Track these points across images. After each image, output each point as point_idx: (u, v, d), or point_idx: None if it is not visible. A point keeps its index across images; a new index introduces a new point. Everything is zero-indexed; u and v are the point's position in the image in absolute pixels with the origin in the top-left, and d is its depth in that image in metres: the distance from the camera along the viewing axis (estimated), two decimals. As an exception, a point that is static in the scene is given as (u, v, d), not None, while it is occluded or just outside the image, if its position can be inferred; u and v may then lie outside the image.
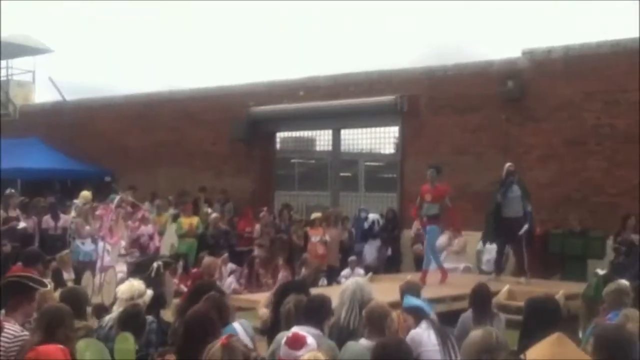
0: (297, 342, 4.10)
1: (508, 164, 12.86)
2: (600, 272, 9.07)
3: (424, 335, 5.51)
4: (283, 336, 4.65)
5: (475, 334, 3.86)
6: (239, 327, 5.16)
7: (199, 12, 44.06)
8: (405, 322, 5.89)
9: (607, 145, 14.23)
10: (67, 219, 14.10)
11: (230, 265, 14.70)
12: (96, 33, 46.50)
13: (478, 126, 15.79)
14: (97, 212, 13.12)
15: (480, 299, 6.47)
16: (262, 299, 7.11)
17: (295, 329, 4.99)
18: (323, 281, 13.86)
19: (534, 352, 3.32)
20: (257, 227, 15.98)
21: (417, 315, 5.73)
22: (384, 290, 7.24)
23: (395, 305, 6.25)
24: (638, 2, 22.16)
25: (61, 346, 4.52)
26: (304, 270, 13.80)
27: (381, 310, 5.04)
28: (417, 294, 6.34)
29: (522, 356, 3.31)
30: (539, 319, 5.47)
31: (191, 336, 4.17)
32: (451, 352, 5.32)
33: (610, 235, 13.40)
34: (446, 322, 6.65)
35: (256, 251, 15.21)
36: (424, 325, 5.66)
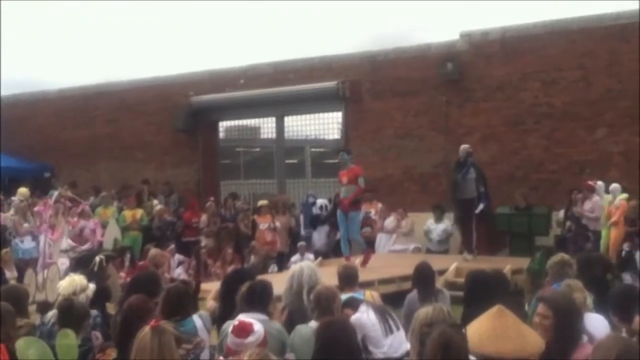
0: (243, 330, 4.05)
1: (465, 146, 12.97)
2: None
3: (364, 318, 5.55)
4: (229, 325, 4.61)
5: (419, 310, 3.91)
6: (199, 320, 5.11)
7: (134, 1, 43.24)
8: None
9: (545, 123, 14.53)
10: (5, 217, 13.72)
11: (178, 257, 14.54)
12: (26, 27, 45.22)
13: (419, 109, 15.95)
14: (36, 209, 12.80)
15: (424, 278, 6.53)
16: (212, 288, 7.03)
17: (241, 317, 4.96)
18: (273, 268, 13.86)
19: (475, 325, 3.34)
20: (204, 217, 15.83)
21: (354, 305, 5.76)
22: (334, 274, 7.23)
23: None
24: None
25: (1, 344, 4.40)
26: (253, 258, 13.80)
27: (328, 293, 5.07)
28: (354, 278, 6.36)
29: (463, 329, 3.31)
30: (480, 292, 5.61)
31: (129, 326, 4.10)
32: (391, 323, 5.39)
33: (553, 211, 13.74)
34: (396, 302, 6.70)
35: (203, 241, 15.09)
36: (362, 307, 5.70)
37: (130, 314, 4.35)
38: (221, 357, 4.09)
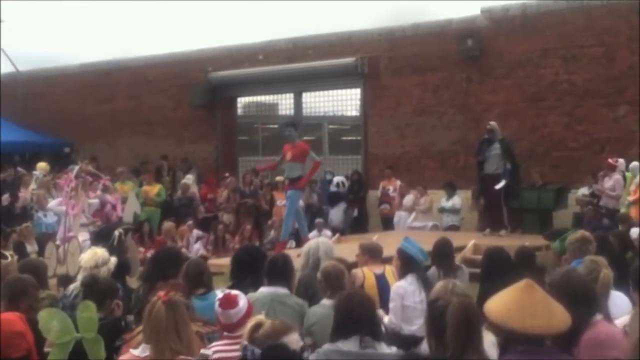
0: (229, 302, 4.06)
1: (491, 122, 13.00)
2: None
3: (409, 290, 5.61)
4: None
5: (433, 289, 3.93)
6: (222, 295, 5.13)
7: (153, -22, 43.16)
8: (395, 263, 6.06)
9: (566, 100, 14.39)
10: (25, 192, 13.85)
11: (197, 232, 14.66)
12: (47, 1, 45.29)
13: (438, 86, 15.84)
14: (57, 182, 12.90)
15: (443, 254, 6.53)
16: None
17: (263, 289, 5.00)
18: (291, 243, 13.91)
19: (502, 298, 3.28)
20: (224, 192, 15.90)
21: (406, 264, 5.81)
22: (351, 251, 7.26)
23: (354, 265, 6.36)
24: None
25: (19, 314, 4.45)
26: (272, 233, 13.86)
27: (337, 269, 5.03)
28: (379, 253, 6.41)
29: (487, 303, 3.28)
30: (497, 269, 5.64)
31: None
32: None
33: (572, 189, 13.65)
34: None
35: (223, 217, 15.20)
36: (409, 279, 5.76)
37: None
38: (225, 333, 4.09)
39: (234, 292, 4.16)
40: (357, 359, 3.71)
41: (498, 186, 12.51)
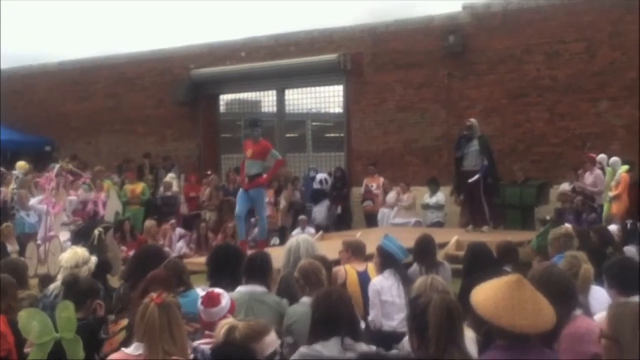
0: (212, 300, 4.03)
1: (471, 119, 13.09)
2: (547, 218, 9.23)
3: (386, 285, 5.64)
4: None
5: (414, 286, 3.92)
6: (202, 293, 5.09)
7: (134, -25, 42.86)
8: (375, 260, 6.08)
9: (548, 96, 14.45)
10: (6, 191, 13.72)
11: (179, 230, 14.60)
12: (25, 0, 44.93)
13: (421, 82, 15.86)
14: (37, 180, 12.81)
15: (425, 251, 6.54)
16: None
17: (241, 289, 4.96)
18: (275, 241, 13.91)
19: (490, 292, 3.22)
20: (207, 190, 15.84)
21: (385, 261, 5.84)
22: (335, 248, 7.24)
23: (337, 263, 6.36)
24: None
25: (1, 316, 4.41)
26: (256, 231, 13.81)
27: (314, 267, 4.98)
28: (363, 250, 6.42)
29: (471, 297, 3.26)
30: (480, 264, 5.66)
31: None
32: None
33: (554, 185, 13.73)
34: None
35: (206, 215, 15.15)
36: (386, 274, 5.80)
37: (152, 287, 4.34)
38: (207, 332, 4.05)
39: (217, 290, 4.13)
40: None
41: (472, 180, 12.53)
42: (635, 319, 2.90)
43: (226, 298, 4.05)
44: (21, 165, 14.73)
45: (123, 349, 3.71)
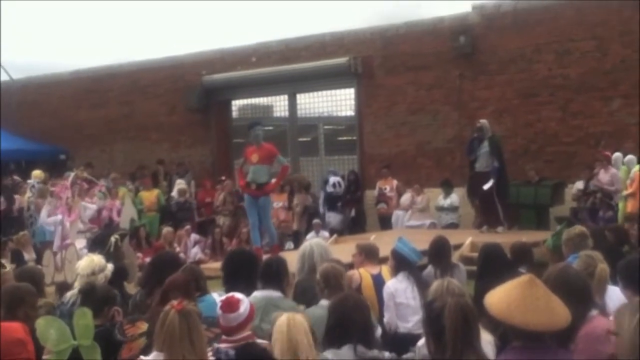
0: (231, 305, 4.03)
1: (481, 120, 13.09)
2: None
3: (400, 287, 5.65)
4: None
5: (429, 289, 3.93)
6: (218, 298, 5.11)
7: (144, -17, 43.09)
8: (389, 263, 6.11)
9: (560, 95, 14.40)
10: (22, 200, 13.84)
11: (194, 236, 14.67)
12: (38, 9, 45.23)
13: (432, 84, 15.84)
14: (53, 189, 12.92)
15: (440, 252, 6.54)
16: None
17: (257, 293, 4.98)
18: (290, 245, 13.91)
19: (502, 293, 3.25)
20: (221, 195, 15.90)
21: (399, 264, 5.85)
22: (349, 252, 7.26)
23: (351, 266, 6.35)
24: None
25: (21, 323, 4.45)
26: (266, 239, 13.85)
27: (336, 270, 5.01)
28: (376, 253, 6.43)
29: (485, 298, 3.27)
30: (493, 265, 5.66)
31: (168, 302, 4.12)
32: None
33: (568, 184, 13.67)
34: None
35: (220, 220, 15.20)
36: (400, 277, 5.81)
37: (172, 292, 4.38)
38: (224, 337, 4.06)
39: (237, 295, 4.14)
40: None
41: (486, 186, 12.50)
42: (635, 315, 2.90)
43: (245, 303, 4.05)
44: (36, 174, 14.84)
45: (142, 357, 3.73)
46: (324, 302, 4.73)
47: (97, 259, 6.12)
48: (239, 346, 3.39)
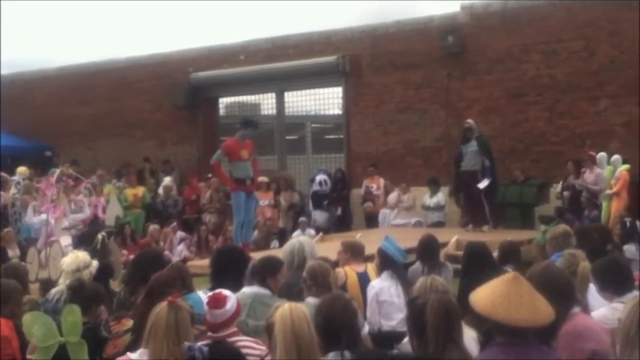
0: (219, 301, 4.03)
1: (469, 120, 13.15)
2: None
3: (384, 286, 5.67)
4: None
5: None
6: (204, 296, 5.10)
7: (132, -21, 42.87)
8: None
9: (547, 95, 14.47)
10: (6, 196, 13.76)
11: (180, 234, 14.63)
12: (25, 6, 44.99)
13: (420, 83, 15.88)
14: (38, 185, 12.84)
15: (428, 250, 6.57)
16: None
17: (245, 289, 4.99)
18: (275, 243, 13.91)
19: (487, 290, 3.29)
20: (208, 193, 15.86)
21: (384, 263, 5.87)
22: (335, 249, 7.26)
23: (337, 264, 6.37)
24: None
25: (6, 320, 4.44)
26: (255, 234, 13.86)
27: (322, 268, 5.01)
28: (361, 251, 6.45)
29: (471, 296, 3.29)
30: (478, 263, 5.69)
31: (153, 299, 4.12)
32: None
33: (553, 183, 13.76)
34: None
35: (207, 217, 15.17)
36: (384, 275, 5.83)
37: (156, 288, 4.37)
38: (209, 333, 4.06)
39: (225, 292, 4.14)
40: None
41: (482, 185, 12.56)
42: (636, 311, 2.94)
43: (232, 300, 4.05)
44: (22, 170, 14.75)
45: (129, 354, 3.73)
46: (311, 300, 4.73)
47: (82, 255, 6.10)
48: (210, 343, 3.39)
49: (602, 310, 4.24)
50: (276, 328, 3.29)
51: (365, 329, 5.13)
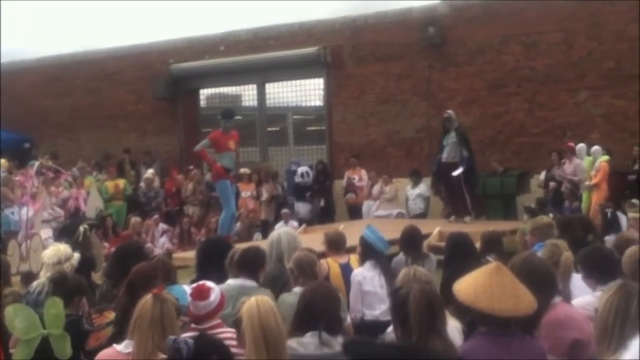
0: (202, 293, 4.04)
1: (448, 111, 13.14)
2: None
3: (367, 276, 5.69)
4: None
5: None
6: (188, 289, 5.10)
7: (111, -31, 42.49)
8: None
9: (527, 87, 14.56)
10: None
11: (162, 226, 14.58)
12: (4, -5, 44.34)
13: (401, 74, 15.91)
14: (17, 179, 12.74)
15: (411, 241, 6.58)
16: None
17: (230, 282, 4.99)
18: (258, 235, 13.89)
19: (470, 280, 3.32)
20: (190, 185, 15.81)
21: (366, 251, 5.89)
22: (317, 241, 7.28)
23: (322, 255, 6.34)
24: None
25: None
26: (239, 225, 13.84)
27: (309, 258, 5.06)
28: (342, 243, 6.46)
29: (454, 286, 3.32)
30: (461, 253, 5.73)
31: (134, 291, 4.11)
32: None
33: (534, 174, 13.86)
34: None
35: (190, 210, 15.12)
36: (367, 265, 5.86)
37: (137, 280, 4.35)
38: (192, 325, 4.06)
39: (209, 284, 4.14)
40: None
41: (455, 173, 12.60)
42: (613, 301, 2.98)
43: (216, 292, 4.06)
44: (1, 162, 14.61)
45: (114, 345, 3.72)
46: (298, 289, 4.76)
47: (63, 247, 6.05)
48: (195, 336, 3.41)
49: (586, 297, 4.30)
50: (244, 322, 3.31)
51: (348, 319, 5.16)
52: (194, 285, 4.28)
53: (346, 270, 6.15)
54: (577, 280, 4.55)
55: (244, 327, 3.32)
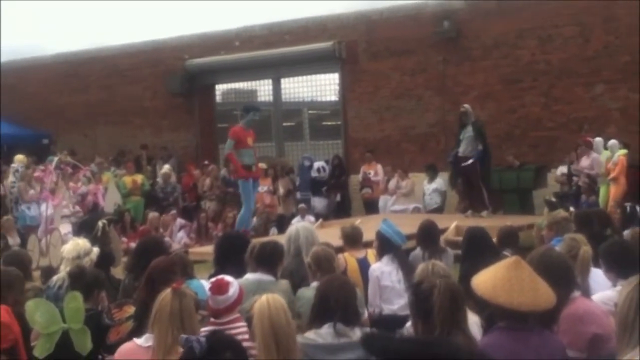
0: (221, 287, 4.07)
1: (465, 105, 13.04)
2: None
3: (385, 270, 5.70)
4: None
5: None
6: (206, 284, 5.14)
7: (126, -35, 42.59)
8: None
9: (543, 81, 14.49)
10: (5, 184, 13.76)
11: (180, 221, 14.66)
12: (19, -8, 44.58)
13: (416, 69, 15.87)
14: (36, 174, 12.85)
15: (429, 236, 6.59)
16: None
17: (249, 276, 5.02)
18: (274, 230, 13.92)
19: (489, 274, 3.33)
20: (207, 180, 15.88)
21: (383, 245, 5.89)
22: (334, 236, 7.30)
23: (339, 250, 6.37)
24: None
25: (5, 306, 4.45)
26: (255, 220, 13.89)
27: (327, 253, 5.09)
28: (359, 238, 6.47)
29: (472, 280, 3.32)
30: (478, 248, 5.73)
31: (153, 285, 4.15)
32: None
33: (552, 168, 13.79)
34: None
35: (206, 204, 15.18)
36: (385, 260, 5.87)
37: (156, 274, 4.40)
38: (212, 319, 4.09)
39: (227, 278, 4.17)
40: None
41: (465, 164, 12.55)
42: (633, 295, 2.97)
43: (234, 286, 4.09)
44: (19, 158, 14.73)
45: (135, 339, 3.76)
46: (315, 284, 4.79)
47: (83, 242, 6.11)
48: (208, 334, 3.45)
49: (607, 292, 4.28)
50: (254, 320, 3.35)
51: (365, 313, 5.18)
52: (213, 279, 4.31)
53: (364, 265, 6.16)
54: (596, 276, 4.54)
55: (254, 325, 3.36)
